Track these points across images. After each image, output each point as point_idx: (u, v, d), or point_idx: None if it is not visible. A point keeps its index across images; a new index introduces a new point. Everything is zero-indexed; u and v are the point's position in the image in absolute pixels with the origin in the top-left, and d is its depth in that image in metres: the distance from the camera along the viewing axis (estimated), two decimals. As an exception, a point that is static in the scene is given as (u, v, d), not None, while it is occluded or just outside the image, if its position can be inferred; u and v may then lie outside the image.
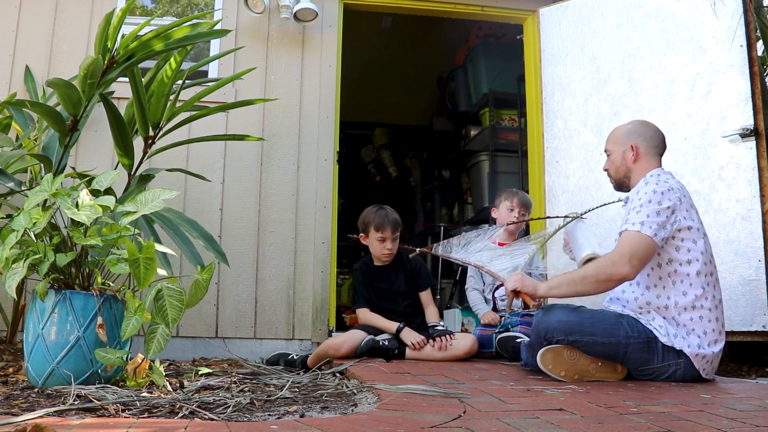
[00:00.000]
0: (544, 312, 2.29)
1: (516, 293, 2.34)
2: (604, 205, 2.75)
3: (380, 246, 3.00)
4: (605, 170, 2.54)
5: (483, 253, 2.66)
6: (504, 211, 3.22)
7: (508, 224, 3.14)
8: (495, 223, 3.29)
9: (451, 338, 2.81)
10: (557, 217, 2.76)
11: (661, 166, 2.42)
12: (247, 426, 1.45)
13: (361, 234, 3.07)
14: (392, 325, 2.87)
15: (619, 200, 2.56)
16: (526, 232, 3.63)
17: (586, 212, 2.65)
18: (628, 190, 2.45)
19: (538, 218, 3.30)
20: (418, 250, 2.95)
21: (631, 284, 2.31)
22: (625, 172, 2.44)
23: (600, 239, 3.00)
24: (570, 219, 2.62)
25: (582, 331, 2.18)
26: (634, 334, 2.20)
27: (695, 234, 2.23)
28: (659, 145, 2.44)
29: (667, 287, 2.23)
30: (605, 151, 2.53)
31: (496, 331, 2.99)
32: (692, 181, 3.03)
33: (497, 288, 3.16)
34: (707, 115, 3.11)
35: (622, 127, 2.52)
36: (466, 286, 3.34)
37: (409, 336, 2.81)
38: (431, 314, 3.04)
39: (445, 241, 2.82)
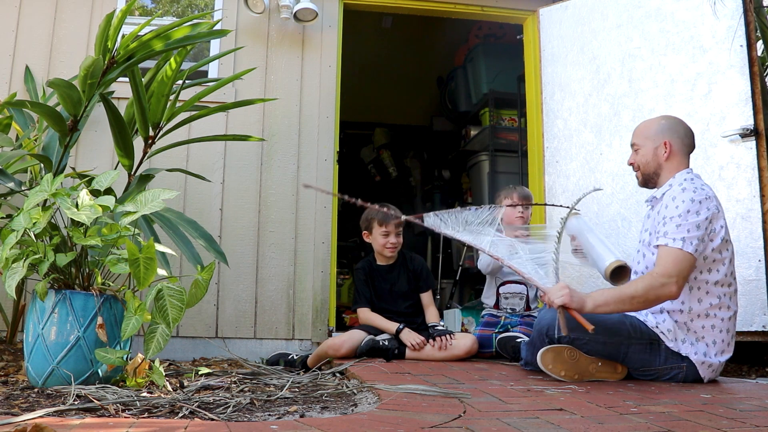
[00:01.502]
0: (546, 308, 2.28)
1: (563, 308, 2.11)
2: (589, 194, 2.46)
3: (384, 241, 3.01)
4: (630, 164, 2.46)
5: (499, 246, 2.29)
6: (507, 209, 3.18)
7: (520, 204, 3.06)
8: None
9: (451, 338, 2.81)
10: (555, 206, 2.74)
11: (689, 166, 2.37)
12: (247, 426, 1.45)
13: (364, 232, 3.08)
14: (392, 326, 2.87)
15: (595, 189, 2.50)
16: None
17: (576, 203, 2.38)
18: (654, 187, 2.40)
19: (539, 204, 3.24)
20: (403, 217, 2.39)
21: None
22: (655, 169, 2.37)
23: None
24: (568, 212, 2.39)
25: (584, 328, 2.17)
26: (636, 335, 2.19)
27: (722, 244, 2.19)
28: (691, 144, 2.39)
29: (683, 292, 2.20)
30: (632, 145, 2.44)
31: (496, 331, 2.99)
32: (692, 181, 3.03)
33: (503, 284, 3.14)
34: (707, 115, 3.11)
35: (653, 122, 2.43)
36: (479, 260, 3.18)
37: (409, 337, 2.81)
38: (431, 315, 3.04)
39: (436, 213, 2.24)
